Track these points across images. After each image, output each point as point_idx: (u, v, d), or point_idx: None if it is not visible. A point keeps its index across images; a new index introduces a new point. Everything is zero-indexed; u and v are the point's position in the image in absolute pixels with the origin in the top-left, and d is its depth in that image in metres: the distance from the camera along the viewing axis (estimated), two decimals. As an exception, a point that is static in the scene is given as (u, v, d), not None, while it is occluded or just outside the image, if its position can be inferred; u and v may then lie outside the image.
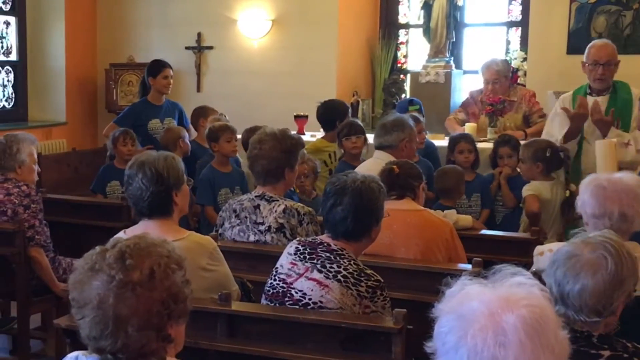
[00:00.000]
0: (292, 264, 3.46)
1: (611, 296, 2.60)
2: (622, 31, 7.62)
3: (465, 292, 1.82)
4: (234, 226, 4.50)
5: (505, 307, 1.74)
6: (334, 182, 3.55)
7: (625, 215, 3.46)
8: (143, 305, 2.06)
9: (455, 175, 5.63)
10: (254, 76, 9.39)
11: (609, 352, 2.54)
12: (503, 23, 9.10)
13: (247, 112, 8.57)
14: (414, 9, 9.38)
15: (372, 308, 3.35)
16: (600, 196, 3.50)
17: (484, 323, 1.73)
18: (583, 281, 2.58)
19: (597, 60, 5.69)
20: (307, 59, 9.11)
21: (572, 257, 2.63)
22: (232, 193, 5.96)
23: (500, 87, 7.51)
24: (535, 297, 1.79)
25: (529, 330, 1.71)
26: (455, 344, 1.76)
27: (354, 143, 6.14)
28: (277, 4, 9.29)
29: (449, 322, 1.79)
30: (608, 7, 7.67)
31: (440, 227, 4.36)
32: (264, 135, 4.56)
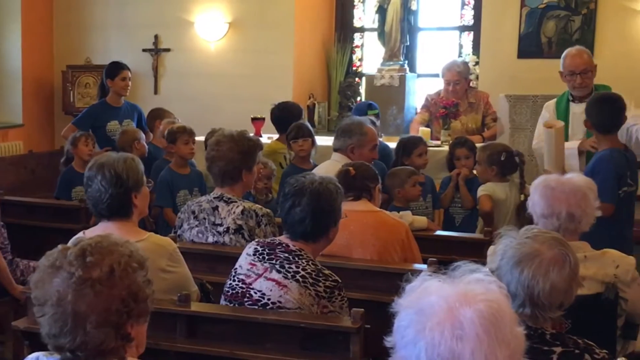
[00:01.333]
0: (251, 265, 3.47)
1: (572, 289, 2.70)
2: (571, 36, 7.71)
3: (424, 287, 1.84)
4: (193, 227, 4.49)
5: (463, 302, 1.75)
6: (293, 184, 3.56)
7: (572, 215, 3.50)
8: (102, 302, 2.05)
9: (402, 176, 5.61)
10: (211, 78, 9.35)
11: (561, 348, 2.59)
12: (456, 27, 9.17)
13: (204, 115, 8.54)
14: (368, 12, 9.39)
15: (330, 308, 3.37)
16: (548, 197, 3.55)
17: (442, 317, 1.74)
18: (553, 279, 2.64)
19: (573, 70, 5.63)
20: (264, 62, 9.10)
21: (535, 257, 2.66)
22: (190, 195, 5.93)
23: (461, 89, 7.60)
24: (492, 293, 1.81)
25: (486, 325, 1.73)
26: (413, 337, 1.77)
27: (300, 146, 6.16)
28: (233, 6, 9.26)
29: (408, 316, 1.80)
30: (557, 12, 7.76)
31: (396, 228, 4.38)
32: (222, 137, 4.56)
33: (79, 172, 6.08)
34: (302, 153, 6.19)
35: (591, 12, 7.63)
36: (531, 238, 2.73)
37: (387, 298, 3.90)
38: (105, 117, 7.21)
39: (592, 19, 7.64)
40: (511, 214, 5.60)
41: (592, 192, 3.58)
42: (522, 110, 7.02)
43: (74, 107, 9.51)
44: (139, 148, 6.51)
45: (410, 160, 6.06)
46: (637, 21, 7.51)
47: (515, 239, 2.77)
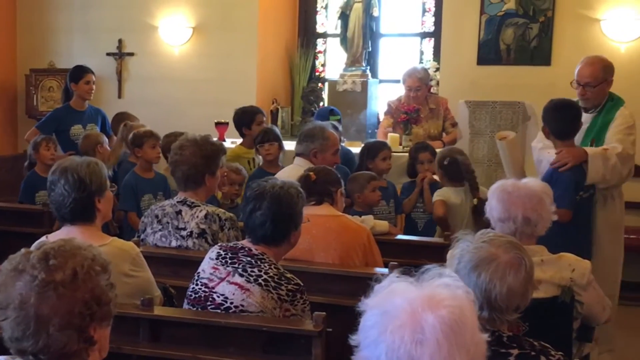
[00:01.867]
0: (214, 269, 3.46)
1: (528, 291, 2.73)
2: (529, 43, 7.79)
3: (391, 289, 1.85)
4: (156, 232, 4.47)
5: (426, 307, 1.76)
6: (254, 188, 3.57)
7: (528, 219, 3.54)
8: (65, 305, 2.04)
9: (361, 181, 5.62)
10: (175, 83, 9.31)
11: (517, 350, 2.61)
12: (417, 34, 9.21)
13: (168, 119, 8.50)
14: (331, 18, 9.41)
15: (292, 311, 3.38)
16: (505, 201, 3.58)
17: (405, 320, 1.75)
18: (509, 282, 2.66)
19: (578, 80, 5.41)
20: (228, 67, 9.07)
21: (492, 261, 2.69)
22: (155, 199, 5.90)
23: (421, 95, 7.62)
24: (457, 299, 1.81)
25: (447, 331, 1.74)
26: (376, 338, 1.77)
27: (267, 150, 6.17)
28: (197, 11, 9.23)
29: (373, 316, 1.81)
30: (516, 19, 7.83)
31: (357, 232, 4.40)
32: (185, 141, 4.56)
33: (42, 176, 6.01)
34: (269, 157, 6.20)
35: (548, 20, 7.71)
36: (487, 242, 2.76)
37: (349, 301, 3.95)
38: (69, 121, 7.15)
39: (550, 26, 7.71)
40: (468, 218, 5.63)
41: (548, 197, 3.62)
42: (482, 116, 7.07)
43: (38, 110, 9.41)
44: (101, 152, 6.46)
45: (374, 164, 6.08)
46: (593, 29, 7.60)
47: (471, 243, 2.79)
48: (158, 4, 9.34)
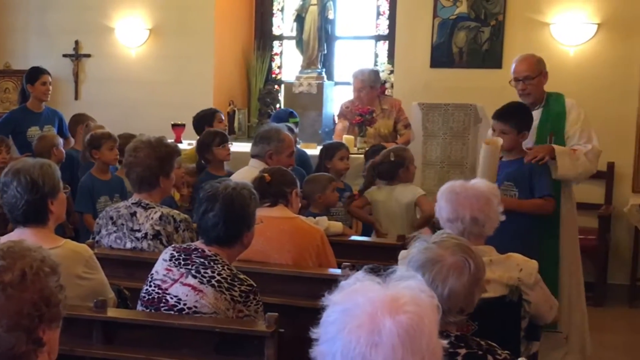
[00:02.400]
0: (167, 270, 3.44)
1: (473, 294, 2.73)
2: (480, 46, 7.84)
3: (356, 287, 1.84)
4: (111, 233, 4.44)
5: (386, 310, 1.75)
6: (207, 189, 3.56)
7: (476, 219, 3.56)
8: (13, 306, 2.00)
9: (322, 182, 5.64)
10: (132, 85, 9.24)
11: (465, 350, 2.62)
12: (371, 37, 9.23)
13: (125, 121, 8.43)
14: (287, 21, 9.40)
15: (245, 312, 3.37)
16: (453, 201, 3.61)
17: (363, 321, 1.74)
18: (451, 285, 2.67)
19: (516, 76, 5.44)
20: (185, 69, 9.03)
21: (436, 263, 2.70)
22: (111, 200, 5.83)
23: (366, 96, 7.63)
24: (419, 304, 1.80)
25: (404, 336, 1.73)
26: (334, 335, 1.77)
27: (227, 151, 6.13)
28: (154, 13, 9.17)
29: (334, 313, 1.80)
30: (468, 23, 7.88)
31: (311, 234, 4.39)
32: (139, 142, 4.53)
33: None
34: (228, 158, 6.17)
35: (500, 24, 7.77)
36: (437, 243, 2.77)
37: (302, 302, 3.95)
38: (25, 122, 7.07)
39: (501, 30, 7.78)
40: (402, 217, 5.67)
41: (495, 198, 3.65)
42: (435, 118, 7.10)
43: (-6, 112, 9.30)
44: (57, 154, 6.39)
45: (332, 164, 6.11)
46: (543, 32, 7.68)
47: (426, 242, 2.81)
48: (115, 5, 9.27)
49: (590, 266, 7.35)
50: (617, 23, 7.49)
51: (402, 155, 5.77)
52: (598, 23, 7.53)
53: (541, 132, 5.40)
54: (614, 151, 7.45)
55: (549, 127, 5.41)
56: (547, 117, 5.45)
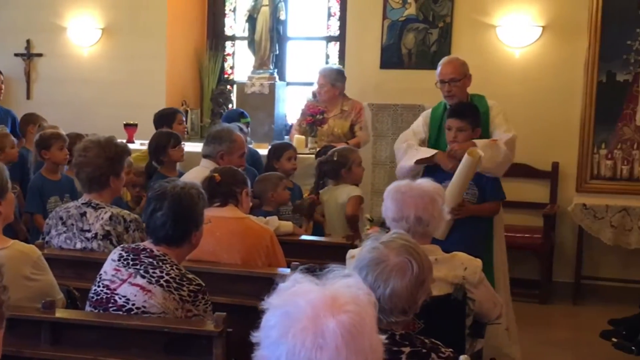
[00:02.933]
0: (115, 270, 3.41)
1: (416, 296, 2.71)
2: (429, 47, 7.88)
3: (295, 289, 1.82)
4: (61, 234, 4.38)
5: (328, 311, 1.75)
6: (155, 189, 3.54)
7: (420, 218, 3.58)
8: None
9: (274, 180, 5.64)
10: (84, 84, 9.13)
11: (409, 348, 2.64)
12: (323, 37, 9.23)
13: (77, 121, 8.32)
14: (239, 21, 9.35)
15: (194, 312, 3.35)
16: (398, 201, 3.62)
17: (306, 324, 1.73)
18: (393, 285, 2.66)
19: (442, 78, 5.49)
20: (137, 68, 8.95)
21: (380, 262, 2.70)
22: (61, 201, 5.76)
23: (326, 94, 7.65)
24: (358, 302, 1.80)
25: (347, 337, 1.73)
26: (277, 339, 1.76)
27: (182, 152, 6.09)
28: (106, 12, 9.08)
29: (275, 317, 1.78)
30: (416, 24, 7.91)
31: (261, 234, 4.39)
32: (89, 142, 4.48)
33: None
34: (182, 159, 6.13)
35: (447, 26, 7.82)
36: (384, 243, 2.77)
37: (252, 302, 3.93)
38: None
39: (449, 32, 7.83)
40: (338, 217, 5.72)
41: (440, 197, 3.67)
42: (384, 118, 7.14)
43: (-56, 111, 9.12)
44: (8, 154, 6.28)
45: (280, 164, 6.11)
46: (489, 34, 7.74)
47: (376, 242, 2.81)
48: (67, 5, 9.16)
49: (535, 264, 7.46)
50: (561, 26, 7.58)
51: (346, 155, 5.80)
52: (543, 25, 7.61)
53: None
54: (558, 151, 7.56)
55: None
56: None
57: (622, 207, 7.02)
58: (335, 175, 5.80)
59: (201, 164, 5.64)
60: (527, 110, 7.55)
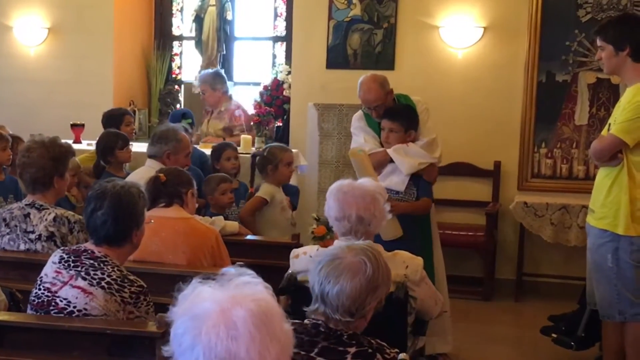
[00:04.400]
0: (56, 272, 3.35)
1: (365, 300, 2.68)
2: (374, 48, 7.88)
3: (196, 294, 1.83)
4: (4, 235, 4.33)
5: (234, 303, 1.77)
6: (96, 188, 3.49)
7: (362, 217, 3.58)
8: None
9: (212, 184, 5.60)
10: (30, 84, 8.97)
11: (355, 348, 2.62)
12: (270, 38, 9.19)
13: (23, 121, 8.20)
14: (187, 21, 9.29)
15: (135, 313, 3.31)
16: (340, 200, 3.62)
17: (216, 319, 1.75)
18: (342, 283, 2.65)
19: (367, 105, 5.40)
20: (84, 68, 8.82)
21: (336, 259, 2.70)
22: (5, 202, 5.66)
23: (210, 98, 8.04)
24: (260, 293, 1.84)
25: (257, 322, 1.75)
26: (190, 343, 1.76)
27: (129, 153, 6.03)
28: (52, 12, 8.93)
29: (184, 323, 1.79)
30: (361, 25, 7.90)
31: (205, 234, 4.36)
32: (33, 143, 4.43)
33: None
34: (130, 160, 6.08)
35: (392, 27, 7.82)
36: (348, 245, 2.78)
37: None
38: None
39: (393, 32, 7.83)
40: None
41: (381, 197, 3.67)
42: (330, 118, 7.14)
43: None
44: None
45: (220, 165, 6.11)
46: (432, 35, 7.77)
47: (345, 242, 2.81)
48: (12, 4, 8.99)
49: (478, 262, 7.52)
50: (502, 26, 7.64)
51: (275, 153, 5.80)
52: (484, 26, 7.66)
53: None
54: (500, 150, 7.62)
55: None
56: None
57: (562, 205, 7.10)
58: (261, 170, 5.81)
59: (147, 164, 5.60)
60: (469, 110, 7.60)
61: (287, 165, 5.80)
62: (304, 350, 2.60)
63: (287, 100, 8.44)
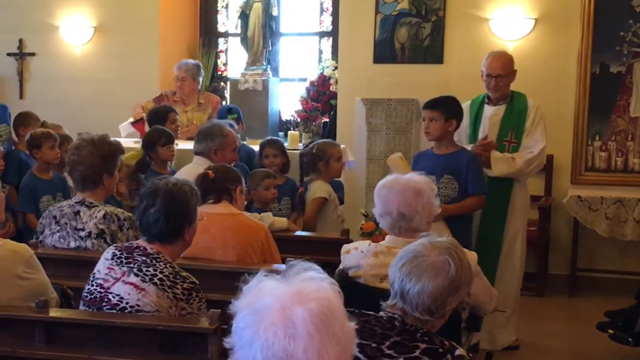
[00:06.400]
0: (109, 269, 3.38)
1: (446, 300, 2.65)
2: (422, 42, 7.85)
3: (260, 288, 1.83)
4: (54, 233, 4.37)
5: (295, 301, 1.76)
6: (148, 186, 3.52)
7: (403, 214, 3.56)
8: None
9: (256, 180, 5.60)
10: (77, 83, 9.10)
11: (426, 345, 2.59)
12: (315, 33, 9.21)
13: (70, 120, 8.26)
14: (232, 18, 9.33)
15: (188, 310, 3.33)
16: (382, 196, 3.62)
17: (276, 317, 1.75)
18: (424, 282, 2.61)
19: (489, 73, 5.63)
20: (130, 66, 8.92)
21: (419, 257, 2.65)
22: (54, 200, 5.76)
23: (188, 87, 8.15)
24: (324, 291, 1.82)
25: (317, 322, 1.74)
26: (249, 338, 1.76)
27: (172, 151, 6.06)
28: (98, 11, 9.05)
29: (245, 317, 1.80)
30: (409, 19, 7.88)
31: (255, 230, 4.37)
32: (82, 141, 4.48)
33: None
34: (171, 158, 6.11)
35: (440, 20, 7.79)
36: (432, 241, 2.73)
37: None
38: None
39: (441, 26, 7.80)
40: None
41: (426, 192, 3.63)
42: (378, 113, 7.11)
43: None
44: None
45: (263, 162, 6.09)
46: (483, 28, 7.72)
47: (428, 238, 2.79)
48: (59, 3, 9.13)
49: (531, 257, 7.43)
50: (554, 18, 7.56)
51: (324, 149, 5.78)
52: (535, 18, 7.59)
53: (504, 126, 5.66)
54: (553, 144, 7.48)
55: (511, 123, 5.66)
56: (511, 113, 5.68)
57: (617, 199, 7.01)
58: (312, 168, 5.79)
59: (194, 160, 5.63)
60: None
61: (338, 160, 5.80)
62: (375, 342, 2.58)
63: (333, 95, 8.45)
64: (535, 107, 5.70)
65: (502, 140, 5.65)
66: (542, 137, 5.64)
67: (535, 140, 5.63)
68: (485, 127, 5.71)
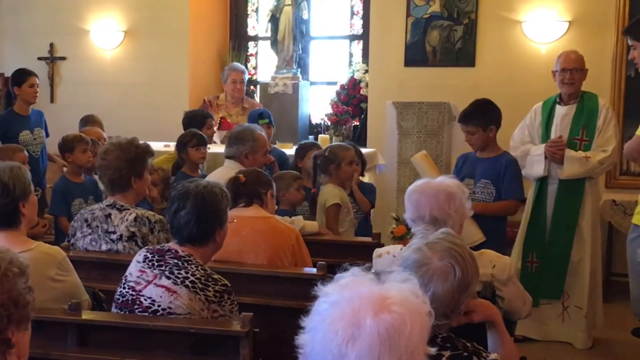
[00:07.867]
0: (140, 272, 3.41)
1: (458, 300, 2.66)
2: (453, 45, 7.85)
3: (349, 281, 1.84)
4: (86, 236, 4.40)
5: (371, 306, 1.75)
6: (179, 189, 3.55)
7: (435, 218, 3.53)
8: None
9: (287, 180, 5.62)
10: (107, 87, 9.19)
11: (449, 352, 2.57)
12: (346, 36, 9.22)
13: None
14: (262, 21, 9.37)
15: (220, 312, 3.35)
16: (414, 201, 3.59)
17: (346, 314, 1.75)
18: (433, 289, 2.60)
19: (565, 66, 5.80)
20: (160, 70, 8.99)
21: (422, 266, 2.65)
22: (85, 203, 5.81)
23: (240, 92, 8.34)
24: (406, 306, 1.79)
25: (383, 335, 1.73)
26: (317, 325, 1.78)
27: (202, 153, 6.11)
28: (128, 15, 9.13)
29: (324, 303, 1.81)
30: (440, 22, 7.88)
31: (286, 233, 4.37)
32: (110, 145, 4.51)
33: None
34: (202, 160, 6.15)
35: (472, 22, 7.78)
36: (429, 245, 2.71)
37: (278, 302, 3.94)
38: (16, 127, 6.95)
39: (473, 28, 7.78)
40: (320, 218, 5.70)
41: (458, 194, 3.61)
42: (409, 116, 7.10)
43: (-30, 116, 9.18)
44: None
45: (303, 163, 6.14)
46: (515, 30, 7.69)
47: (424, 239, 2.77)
48: (89, 7, 9.22)
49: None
50: (588, 20, 7.52)
51: (337, 152, 5.77)
52: (569, 21, 7.55)
53: (575, 125, 5.82)
54: (587, 147, 7.47)
55: (582, 121, 5.81)
56: (582, 112, 5.84)
57: (653, 203, 6.94)
58: (324, 170, 5.80)
59: (225, 164, 5.65)
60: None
61: (350, 163, 5.76)
62: None
63: (364, 99, 8.45)
64: (606, 106, 5.88)
65: (573, 139, 5.81)
66: (615, 136, 5.80)
67: (607, 139, 5.79)
68: (557, 127, 5.87)
